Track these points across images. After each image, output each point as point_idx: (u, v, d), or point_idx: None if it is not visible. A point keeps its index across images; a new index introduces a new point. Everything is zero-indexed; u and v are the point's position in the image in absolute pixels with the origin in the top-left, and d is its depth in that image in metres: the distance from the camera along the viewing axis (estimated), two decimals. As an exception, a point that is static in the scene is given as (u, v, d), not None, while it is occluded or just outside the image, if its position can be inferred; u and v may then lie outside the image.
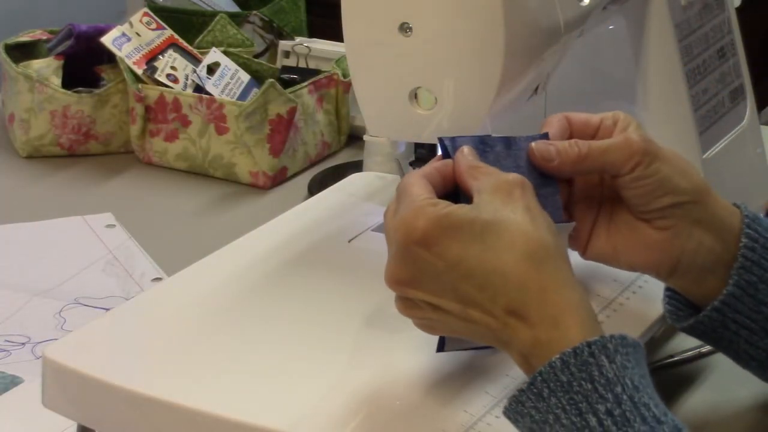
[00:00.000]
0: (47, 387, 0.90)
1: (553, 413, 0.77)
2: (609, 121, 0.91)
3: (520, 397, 0.78)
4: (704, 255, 0.90)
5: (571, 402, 0.76)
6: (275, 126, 1.46)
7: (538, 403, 0.77)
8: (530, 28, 0.94)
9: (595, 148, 0.88)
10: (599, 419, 0.75)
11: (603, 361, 0.77)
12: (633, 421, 0.75)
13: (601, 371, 0.77)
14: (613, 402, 0.76)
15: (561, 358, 0.77)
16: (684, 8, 1.15)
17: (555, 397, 0.77)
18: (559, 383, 0.77)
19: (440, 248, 0.80)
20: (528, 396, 0.78)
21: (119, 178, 1.52)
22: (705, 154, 1.15)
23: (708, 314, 0.91)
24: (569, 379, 0.76)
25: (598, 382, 0.76)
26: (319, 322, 0.92)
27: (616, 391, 0.76)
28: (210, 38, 1.60)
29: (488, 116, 0.95)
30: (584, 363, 0.77)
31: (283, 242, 1.03)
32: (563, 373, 0.77)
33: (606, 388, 0.76)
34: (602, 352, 0.77)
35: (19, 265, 1.30)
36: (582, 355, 0.77)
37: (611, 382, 0.76)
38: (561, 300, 0.79)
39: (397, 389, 0.84)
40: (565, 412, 0.76)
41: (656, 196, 0.89)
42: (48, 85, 1.52)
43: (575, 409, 0.76)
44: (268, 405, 0.83)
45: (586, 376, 0.76)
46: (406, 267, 0.82)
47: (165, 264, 1.28)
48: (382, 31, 0.93)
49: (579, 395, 0.76)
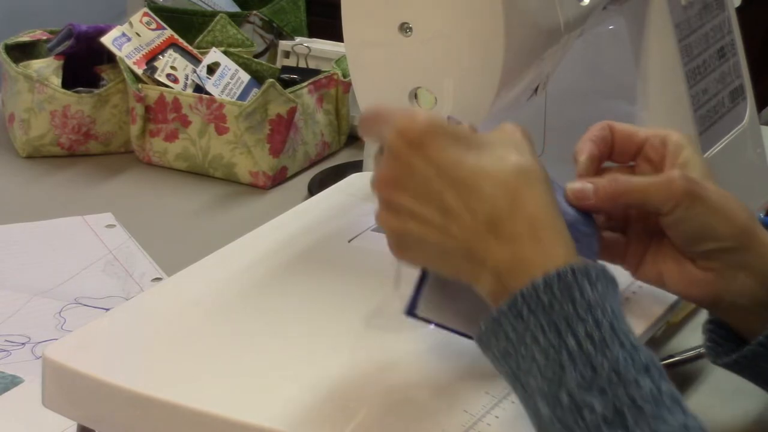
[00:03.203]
0: (47, 387, 0.89)
1: (531, 333, 0.76)
2: (657, 141, 0.90)
3: (498, 317, 0.77)
4: (748, 297, 0.89)
5: (550, 323, 0.76)
6: (275, 126, 1.46)
7: (516, 322, 0.76)
8: (530, 28, 0.94)
9: (635, 187, 0.87)
10: (578, 340, 0.75)
11: (585, 286, 0.77)
12: (611, 344, 0.75)
13: (582, 295, 0.76)
14: (593, 324, 0.75)
15: (544, 279, 0.76)
16: (684, 8, 1.15)
17: (534, 317, 0.76)
18: (540, 303, 0.76)
19: (434, 152, 0.79)
20: (507, 316, 0.77)
21: (119, 178, 1.52)
22: (705, 154, 1.15)
23: (752, 348, 0.89)
24: (550, 300, 0.76)
25: (580, 305, 0.76)
26: (319, 322, 0.92)
27: (596, 315, 0.76)
28: (210, 38, 1.60)
29: (488, 116, 0.95)
30: (567, 285, 0.76)
31: (283, 242, 1.03)
32: (545, 293, 0.76)
33: (587, 311, 0.76)
34: (585, 276, 0.77)
35: (19, 265, 1.30)
36: (565, 278, 0.76)
37: (592, 306, 0.76)
38: (547, 219, 0.79)
39: (397, 389, 0.84)
40: (544, 333, 0.76)
41: (697, 240, 0.87)
42: (48, 85, 1.52)
43: (554, 330, 0.75)
44: (268, 405, 0.83)
45: (568, 297, 0.76)
46: (396, 168, 0.80)
47: (165, 264, 1.28)
48: (382, 31, 0.93)
49: (559, 316, 0.76)
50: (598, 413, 0.73)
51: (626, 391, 0.73)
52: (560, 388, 0.74)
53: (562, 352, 0.75)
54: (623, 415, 0.73)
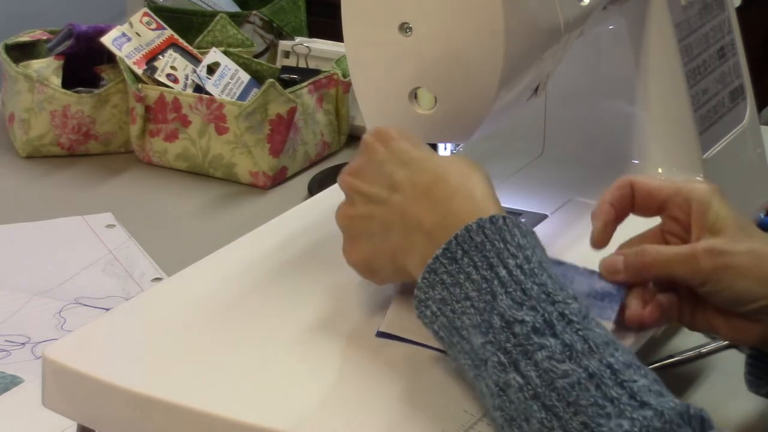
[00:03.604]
0: (47, 387, 0.89)
1: (465, 272, 0.79)
2: (680, 199, 0.90)
3: (433, 265, 0.80)
4: None
5: (482, 258, 0.79)
6: (275, 126, 1.46)
7: (451, 266, 0.80)
8: (530, 28, 0.94)
9: (661, 261, 0.88)
10: (509, 270, 0.78)
11: (515, 232, 0.81)
12: (541, 274, 0.78)
13: (513, 237, 0.80)
14: (523, 259, 0.79)
15: (477, 222, 0.80)
16: (684, 8, 1.14)
17: (468, 257, 0.79)
18: (473, 244, 0.79)
19: (396, 144, 0.88)
20: (441, 261, 0.80)
21: (119, 178, 1.52)
22: (705, 154, 1.15)
23: None
24: (483, 240, 0.79)
25: (510, 243, 0.80)
26: (319, 322, 0.92)
27: (526, 253, 0.79)
28: (210, 38, 1.60)
29: (488, 116, 0.95)
30: (498, 228, 0.80)
31: (283, 242, 1.03)
32: (477, 234, 0.80)
33: (518, 249, 0.79)
34: (516, 226, 0.81)
35: (19, 265, 1.30)
36: (497, 223, 0.80)
37: (523, 247, 0.80)
38: (482, 186, 0.84)
39: (397, 389, 0.84)
40: (476, 269, 0.79)
41: (735, 304, 0.88)
42: (48, 85, 1.52)
43: (486, 264, 0.79)
44: (268, 405, 0.83)
45: (499, 237, 0.80)
46: (361, 159, 0.90)
47: (165, 264, 1.28)
48: (382, 31, 0.93)
49: (491, 252, 0.79)
50: (529, 324, 0.75)
51: (555, 308, 0.76)
52: (492, 313, 0.77)
53: (493, 281, 0.78)
54: (552, 325, 0.75)
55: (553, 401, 0.73)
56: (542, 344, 0.74)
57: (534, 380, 0.74)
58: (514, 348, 0.75)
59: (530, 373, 0.74)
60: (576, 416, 0.72)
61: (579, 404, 0.72)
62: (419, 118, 0.95)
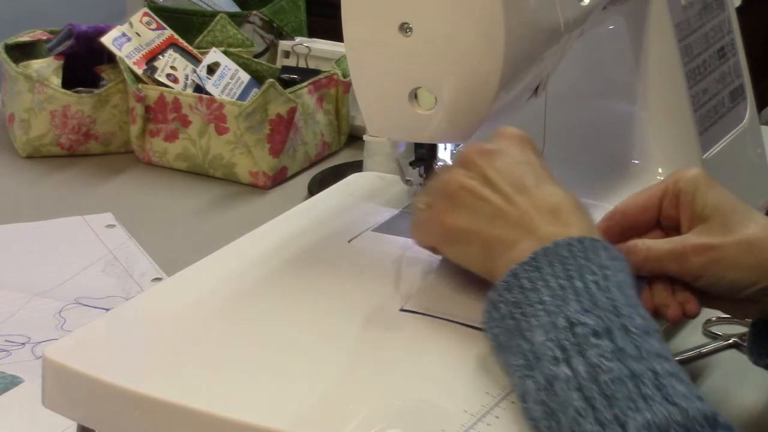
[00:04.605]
0: (47, 387, 0.89)
1: (544, 279, 0.81)
2: (668, 198, 0.91)
3: (516, 270, 0.83)
4: None
5: (563, 270, 0.81)
6: (275, 126, 1.46)
7: (532, 273, 0.82)
8: (530, 28, 0.94)
9: (650, 257, 0.90)
10: (585, 283, 0.80)
11: (602, 253, 0.83)
12: (614, 291, 0.80)
13: (597, 257, 0.82)
14: (601, 277, 0.81)
15: (567, 239, 0.83)
16: (684, 8, 1.14)
17: (550, 267, 0.82)
18: (558, 257, 0.82)
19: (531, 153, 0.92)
20: (525, 268, 0.82)
21: (119, 178, 1.52)
22: (705, 154, 1.15)
23: None
24: (568, 255, 0.82)
25: (593, 261, 0.82)
26: (318, 322, 0.92)
27: (606, 272, 0.81)
28: (210, 38, 1.60)
29: (488, 116, 0.95)
30: (585, 248, 0.83)
31: (283, 242, 1.03)
32: (564, 249, 0.82)
33: (599, 268, 0.81)
34: (604, 249, 0.83)
35: (19, 265, 1.30)
36: (585, 242, 0.83)
37: (604, 267, 0.82)
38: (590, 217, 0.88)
39: (397, 389, 0.84)
40: (555, 278, 0.81)
41: (733, 291, 0.89)
42: (48, 85, 1.52)
43: (565, 275, 0.81)
44: (268, 405, 0.83)
45: (584, 256, 0.82)
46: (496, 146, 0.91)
47: (165, 264, 1.28)
48: (382, 31, 0.93)
49: (573, 266, 0.81)
50: (590, 327, 0.77)
51: (620, 320, 0.78)
52: (558, 316, 0.79)
53: (568, 291, 0.80)
54: (611, 331, 0.77)
55: (593, 393, 0.75)
56: (597, 344, 0.76)
57: (581, 373, 0.75)
58: (571, 346, 0.77)
59: (579, 367, 0.76)
60: (609, 408, 0.74)
61: (615, 397, 0.74)
62: (419, 118, 0.95)
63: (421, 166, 1.04)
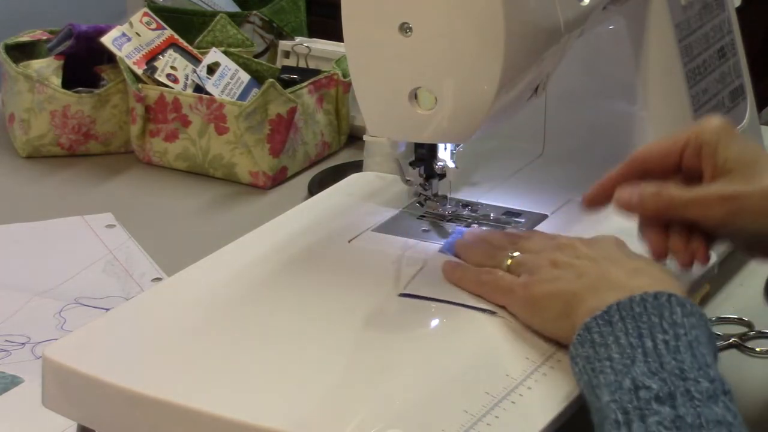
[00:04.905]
0: (47, 387, 0.89)
1: (614, 335, 0.82)
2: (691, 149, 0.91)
3: (589, 323, 0.83)
4: None
5: (635, 327, 0.81)
6: (275, 126, 1.46)
7: (604, 328, 0.82)
8: (530, 28, 0.94)
9: (674, 203, 0.90)
10: (655, 343, 0.80)
11: (677, 309, 0.82)
12: (684, 353, 0.80)
13: (672, 314, 0.82)
14: (672, 336, 0.81)
15: (641, 295, 0.83)
16: (684, 8, 1.15)
17: (622, 323, 0.82)
18: (631, 313, 0.82)
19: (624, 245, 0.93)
20: (597, 322, 0.83)
21: (119, 178, 1.52)
22: (705, 154, 1.15)
23: None
24: (641, 311, 0.82)
25: (666, 320, 0.81)
26: (319, 322, 0.92)
27: (677, 331, 0.81)
28: (210, 38, 1.60)
29: (488, 116, 0.95)
30: (659, 304, 0.83)
31: (283, 242, 1.03)
32: (638, 305, 0.82)
33: (671, 326, 0.81)
34: (679, 304, 0.83)
35: (19, 265, 1.30)
36: (660, 298, 0.83)
37: (677, 324, 0.81)
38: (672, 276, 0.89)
39: (397, 389, 0.84)
40: (626, 334, 0.81)
41: (754, 242, 0.90)
42: (48, 85, 1.52)
43: (636, 333, 0.81)
44: (268, 405, 0.83)
45: (657, 313, 0.82)
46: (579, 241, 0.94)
47: (165, 264, 1.28)
48: (382, 31, 0.93)
49: (645, 324, 0.81)
50: (654, 391, 0.77)
51: (684, 384, 0.78)
52: (625, 376, 0.79)
53: (637, 350, 0.80)
54: (674, 397, 0.77)
55: None
56: (658, 411, 0.77)
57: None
58: (633, 410, 0.77)
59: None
60: None
61: None
62: (419, 118, 0.95)
63: (421, 166, 1.04)
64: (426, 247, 1.02)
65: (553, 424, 0.83)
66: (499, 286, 0.93)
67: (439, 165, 1.04)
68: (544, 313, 0.90)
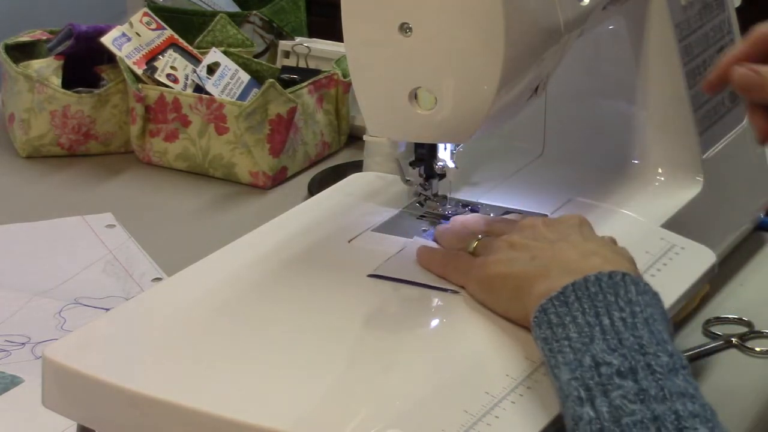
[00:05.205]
0: (47, 387, 0.89)
1: (571, 315, 0.82)
2: None
3: (545, 305, 0.84)
4: None
5: (591, 306, 0.82)
6: (275, 126, 1.46)
7: (560, 309, 0.83)
8: (530, 28, 0.94)
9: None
10: (612, 321, 0.81)
11: (631, 288, 0.83)
12: (642, 329, 0.80)
13: (627, 292, 0.83)
14: (629, 313, 0.81)
15: (596, 275, 0.84)
16: (684, 8, 1.14)
17: (578, 303, 0.83)
18: (586, 293, 0.83)
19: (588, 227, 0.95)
20: (553, 303, 0.84)
21: (119, 178, 1.52)
22: (705, 154, 1.15)
23: None
24: (596, 291, 0.83)
25: (622, 298, 0.82)
26: (318, 322, 0.92)
27: (634, 309, 0.82)
28: (210, 38, 1.60)
29: (488, 116, 0.95)
30: (615, 283, 0.84)
31: (283, 242, 1.03)
32: (593, 285, 0.83)
33: (627, 304, 0.82)
34: (633, 283, 0.84)
35: (19, 265, 1.30)
36: (615, 278, 0.84)
37: (633, 302, 0.82)
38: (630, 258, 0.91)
39: (397, 389, 0.84)
40: (583, 314, 0.82)
41: None
42: (48, 85, 1.52)
43: (593, 312, 0.82)
44: (268, 405, 0.83)
45: (613, 291, 0.83)
46: (549, 223, 0.95)
47: (165, 264, 1.28)
48: (382, 31, 0.93)
49: (601, 303, 0.82)
50: (614, 367, 0.78)
51: (644, 358, 0.78)
52: (585, 354, 0.79)
53: (595, 328, 0.81)
54: (635, 371, 0.77)
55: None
56: (620, 385, 0.77)
57: (603, 415, 0.76)
58: (595, 386, 0.78)
59: (602, 408, 0.76)
60: None
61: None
62: (419, 118, 0.95)
63: (421, 166, 1.04)
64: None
65: (554, 423, 0.83)
66: (458, 268, 0.95)
67: (439, 165, 1.04)
68: (497, 294, 0.91)
